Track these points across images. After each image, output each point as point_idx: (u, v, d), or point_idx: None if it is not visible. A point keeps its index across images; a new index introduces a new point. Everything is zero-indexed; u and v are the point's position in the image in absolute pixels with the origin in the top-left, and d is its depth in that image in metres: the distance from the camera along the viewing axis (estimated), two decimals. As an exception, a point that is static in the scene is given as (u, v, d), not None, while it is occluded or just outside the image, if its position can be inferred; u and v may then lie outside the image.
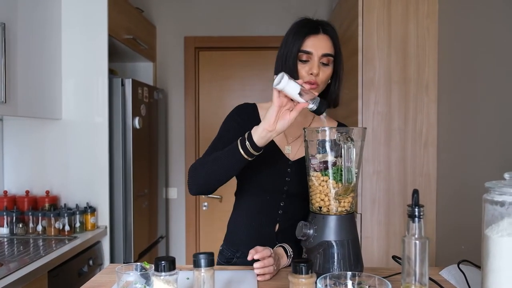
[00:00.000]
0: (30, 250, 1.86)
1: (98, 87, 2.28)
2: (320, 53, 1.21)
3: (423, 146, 2.02)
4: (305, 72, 1.21)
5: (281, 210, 1.28)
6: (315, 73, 1.20)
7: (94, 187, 2.27)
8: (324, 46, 1.22)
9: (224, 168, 1.14)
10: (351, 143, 1.00)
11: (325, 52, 1.21)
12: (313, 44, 1.21)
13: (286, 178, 1.27)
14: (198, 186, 1.20)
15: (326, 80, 1.24)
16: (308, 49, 1.21)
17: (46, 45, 2.16)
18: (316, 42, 1.21)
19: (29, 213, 2.12)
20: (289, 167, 1.27)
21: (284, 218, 1.27)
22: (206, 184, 1.18)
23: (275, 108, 1.06)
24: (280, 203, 1.27)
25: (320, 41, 1.22)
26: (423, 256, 0.81)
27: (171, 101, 3.25)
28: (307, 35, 1.22)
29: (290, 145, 1.30)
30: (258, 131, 1.08)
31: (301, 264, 0.81)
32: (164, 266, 0.82)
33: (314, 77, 1.20)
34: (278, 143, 1.30)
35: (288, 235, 1.24)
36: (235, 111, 1.37)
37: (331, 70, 1.24)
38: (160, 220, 3.03)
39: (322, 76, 1.22)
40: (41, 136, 2.28)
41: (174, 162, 3.25)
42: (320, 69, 1.21)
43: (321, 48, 1.21)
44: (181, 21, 3.21)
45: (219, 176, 1.16)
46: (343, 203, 1.06)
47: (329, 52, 1.22)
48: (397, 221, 2.04)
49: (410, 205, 0.81)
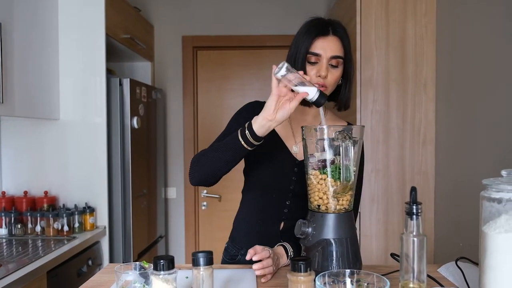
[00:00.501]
0: (29, 251, 1.86)
1: (96, 87, 2.28)
2: (329, 55, 1.19)
3: (421, 144, 2.03)
4: (314, 74, 1.20)
5: (286, 209, 1.27)
6: (323, 75, 1.19)
7: (92, 187, 2.27)
8: (333, 48, 1.20)
9: (225, 158, 1.15)
10: (349, 142, 1.00)
11: (334, 54, 1.19)
12: (322, 46, 1.20)
13: (292, 177, 1.27)
14: (199, 176, 1.20)
15: (335, 82, 1.23)
16: (317, 51, 1.20)
17: (43, 45, 2.16)
18: (325, 44, 1.20)
19: (28, 213, 2.12)
20: (296, 167, 1.27)
21: (289, 217, 1.27)
22: (207, 173, 1.19)
23: (274, 97, 1.06)
24: (286, 202, 1.27)
25: (329, 43, 1.20)
26: (421, 253, 0.81)
27: (169, 101, 3.24)
28: (316, 36, 1.20)
29: (298, 145, 1.30)
30: (258, 120, 1.08)
31: (300, 262, 0.81)
32: (163, 265, 0.82)
33: (323, 79, 1.19)
34: (286, 142, 1.30)
35: (293, 233, 1.24)
36: (244, 107, 1.36)
37: (340, 72, 1.23)
38: (159, 220, 3.03)
39: (330, 78, 1.21)
40: (39, 136, 2.28)
41: (173, 162, 3.25)
42: (328, 71, 1.20)
43: (330, 50, 1.19)
44: (179, 20, 3.20)
45: (220, 166, 1.16)
46: (342, 201, 1.06)
47: (338, 54, 1.20)
48: (395, 219, 2.04)
49: (408, 202, 0.82)
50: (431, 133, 2.02)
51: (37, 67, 2.11)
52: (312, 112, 1.32)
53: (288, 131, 1.31)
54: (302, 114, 1.32)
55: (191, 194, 3.25)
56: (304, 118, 1.32)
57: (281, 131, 1.31)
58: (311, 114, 1.32)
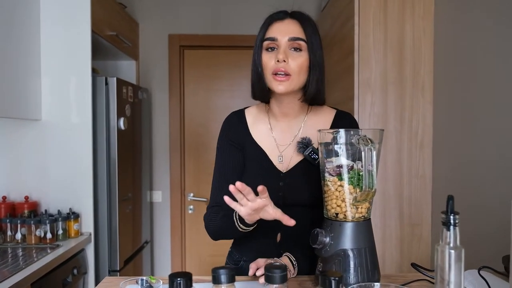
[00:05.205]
0: (9, 261, 1.73)
1: (80, 86, 2.16)
2: (287, 38, 1.08)
3: (418, 147, 2.01)
4: (272, 61, 1.08)
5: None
6: (281, 58, 1.07)
7: (77, 191, 2.15)
8: (291, 30, 1.09)
9: (230, 234, 1.17)
10: (371, 145, 0.95)
11: (292, 36, 1.08)
12: (278, 30, 1.10)
13: (279, 193, 1.16)
14: (215, 239, 1.21)
15: (300, 69, 1.09)
16: (273, 35, 1.10)
17: (23, 40, 2.02)
18: (282, 27, 1.10)
19: (7, 220, 1.98)
20: (281, 181, 1.17)
21: (286, 228, 1.18)
22: (222, 238, 1.20)
23: (245, 216, 1.00)
24: None
25: (286, 25, 1.10)
26: (458, 266, 0.76)
27: (154, 101, 3.13)
28: (272, 22, 1.12)
29: (283, 154, 1.20)
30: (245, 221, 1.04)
31: (331, 278, 0.75)
32: (180, 283, 0.75)
33: (283, 66, 1.07)
34: (269, 155, 1.20)
35: (292, 243, 1.17)
36: (224, 133, 1.26)
37: (305, 58, 1.10)
38: (144, 225, 2.92)
39: (292, 64, 1.08)
40: (19, 138, 2.14)
41: (159, 165, 3.14)
42: (289, 55, 1.08)
43: (287, 32, 1.09)
44: (166, 18, 3.10)
45: (230, 237, 1.22)
46: (361, 209, 1.01)
47: (297, 36, 1.09)
48: (393, 223, 2.01)
49: (445, 212, 0.77)
50: (428, 136, 2.00)
51: (16, 64, 1.97)
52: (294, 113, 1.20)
53: (271, 141, 1.21)
54: (283, 116, 1.21)
55: (177, 198, 3.14)
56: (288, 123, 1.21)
57: (263, 142, 1.21)
58: (292, 116, 1.21)
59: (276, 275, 0.76)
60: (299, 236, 1.15)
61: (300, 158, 1.18)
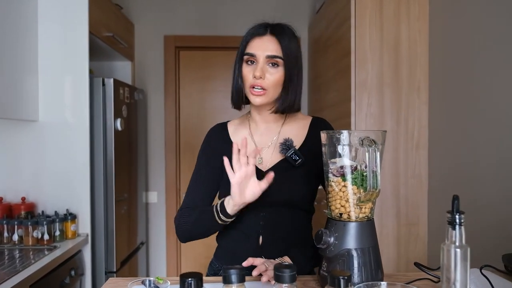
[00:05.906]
0: (6, 263, 1.71)
1: (78, 87, 2.15)
2: (265, 55, 1.15)
3: (415, 147, 2.03)
4: (251, 75, 1.16)
5: (262, 222, 1.20)
6: (257, 75, 1.14)
7: (74, 192, 2.14)
8: (268, 48, 1.16)
9: (204, 230, 1.20)
10: (375, 146, 0.96)
11: (269, 54, 1.15)
12: (257, 46, 1.16)
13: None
14: (184, 239, 1.24)
15: (276, 83, 1.17)
16: (252, 51, 1.16)
17: (20, 41, 2.01)
18: (260, 44, 1.16)
19: (3, 221, 1.96)
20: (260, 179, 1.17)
21: (267, 230, 1.19)
22: (191, 238, 1.23)
23: (235, 186, 1.05)
24: (261, 213, 1.20)
25: (264, 42, 1.16)
26: (464, 265, 0.78)
27: (150, 102, 3.13)
28: (252, 37, 1.18)
29: (262, 156, 1.23)
30: (229, 205, 1.09)
31: (340, 277, 0.76)
32: (191, 283, 0.75)
33: (260, 81, 1.15)
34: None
35: (274, 249, 1.17)
36: (209, 136, 1.32)
37: (281, 73, 1.17)
38: (140, 225, 2.91)
39: (269, 79, 1.16)
40: (16, 139, 2.12)
41: (154, 165, 3.13)
42: (266, 71, 1.16)
43: (265, 50, 1.15)
44: (161, 19, 3.10)
45: (201, 235, 1.22)
46: (364, 209, 1.02)
47: (274, 54, 1.15)
48: (389, 223, 2.04)
49: (450, 211, 0.78)
50: (424, 137, 2.03)
51: (13, 64, 1.95)
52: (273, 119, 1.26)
53: (251, 145, 1.24)
54: (264, 122, 1.26)
55: (172, 198, 3.14)
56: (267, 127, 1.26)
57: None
58: (272, 117, 1.25)
59: (285, 274, 0.77)
60: (281, 238, 1.18)
61: (279, 159, 1.22)
